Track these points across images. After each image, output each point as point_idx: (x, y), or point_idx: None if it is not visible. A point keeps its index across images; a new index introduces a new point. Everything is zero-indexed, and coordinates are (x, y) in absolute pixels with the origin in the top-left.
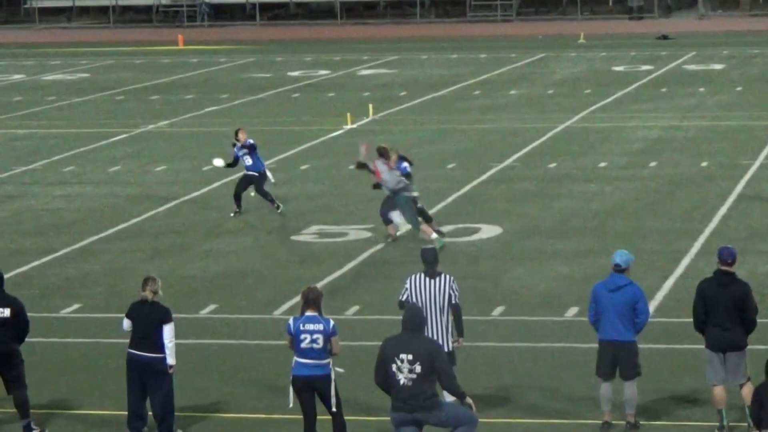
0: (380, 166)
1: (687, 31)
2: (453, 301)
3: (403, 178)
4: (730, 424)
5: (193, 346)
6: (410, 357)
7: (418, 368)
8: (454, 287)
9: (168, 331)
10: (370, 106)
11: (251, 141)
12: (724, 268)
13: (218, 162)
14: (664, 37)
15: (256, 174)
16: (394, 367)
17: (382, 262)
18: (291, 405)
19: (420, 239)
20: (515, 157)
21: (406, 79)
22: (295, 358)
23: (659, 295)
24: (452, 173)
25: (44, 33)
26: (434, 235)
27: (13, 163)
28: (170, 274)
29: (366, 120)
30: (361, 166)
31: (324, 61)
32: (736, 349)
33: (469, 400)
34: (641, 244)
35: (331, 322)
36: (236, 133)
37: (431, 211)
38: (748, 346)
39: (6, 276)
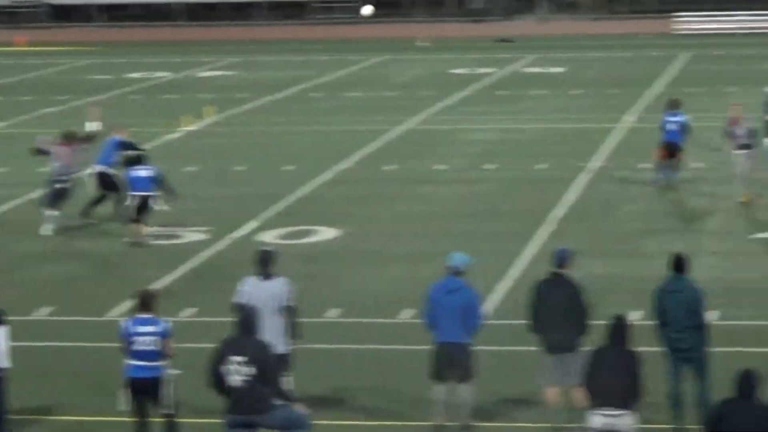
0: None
1: (527, 35)
2: (288, 303)
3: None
4: (564, 425)
5: (27, 348)
6: (243, 359)
7: (250, 370)
8: (289, 289)
9: (1, 334)
10: (210, 108)
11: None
12: (558, 270)
13: None
14: (504, 41)
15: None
16: (227, 369)
17: (218, 264)
18: (124, 407)
19: (259, 242)
20: (354, 159)
21: (246, 81)
22: (130, 360)
23: (495, 297)
24: (291, 175)
25: None
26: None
27: None
28: (5, 277)
29: (206, 122)
30: (39, 152)
31: (164, 62)
32: (569, 351)
33: (299, 404)
34: (478, 246)
35: (166, 324)
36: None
37: (270, 213)
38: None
39: None
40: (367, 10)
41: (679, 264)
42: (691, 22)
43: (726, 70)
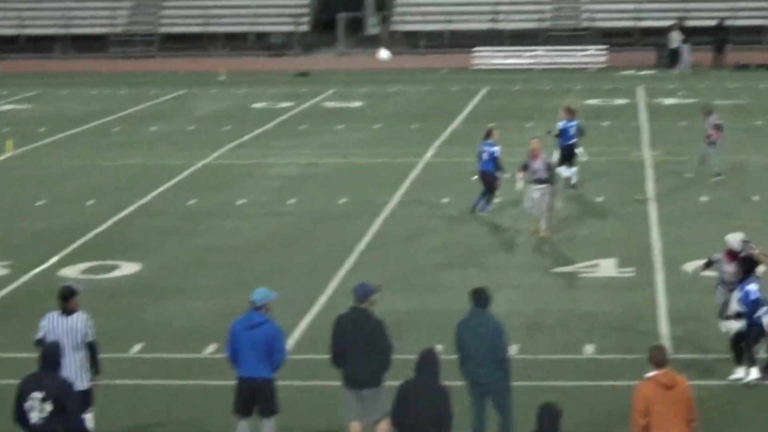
0: None
1: (327, 69)
2: (88, 339)
3: None
4: None
5: None
6: (42, 395)
7: (48, 407)
8: (89, 324)
9: None
10: (9, 141)
11: None
12: (359, 304)
13: None
14: (304, 75)
15: None
16: (27, 405)
17: (19, 299)
18: None
19: (61, 277)
20: (155, 193)
21: (45, 115)
22: None
23: (297, 332)
24: (91, 209)
25: None
26: None
27: None
28: None
29: (5, 156)
30: None
31: None
32: (371, 386)
33: None
34: (280, 280)
35: None
36: None
37: (71, 247)
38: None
39: None
40: (384, 54)
41: (479, 298)
42: (489, 57)
43: (523, 104)
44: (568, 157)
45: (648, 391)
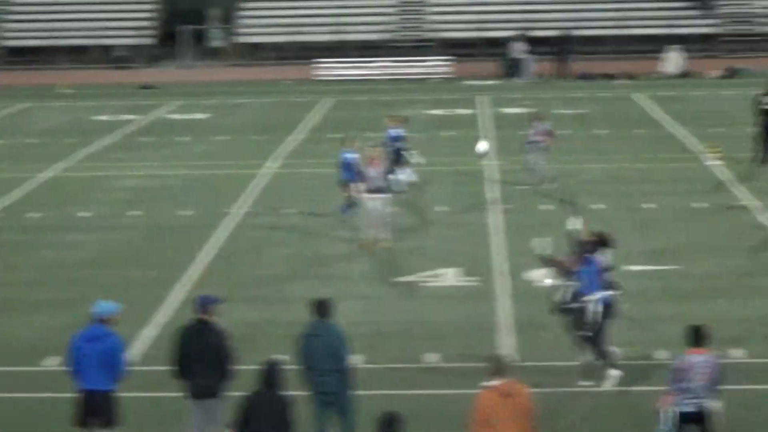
0: None
1: (171, 81)
2: None
3: None
4: None
5: None
6: None
7: None
8: None
9: None
10: None
11: None
12: (201, 315)
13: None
14: (148, 87)
15: None
16: None
17: None
18: None
19: None
20: None
21: None
22: None
23: (140, 344)
24: None
25: None
26: None
27: None
28: None
29: None
30: None
31: None
32: (212, 397)
33: None
34: (123, 293)
35: None
36: None
37: None
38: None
39: None
40: (483, 146)
41: (321, 308)
42: (332, 68)
43: (367, 115)
44: (396, 161)
45: (487, 400)
